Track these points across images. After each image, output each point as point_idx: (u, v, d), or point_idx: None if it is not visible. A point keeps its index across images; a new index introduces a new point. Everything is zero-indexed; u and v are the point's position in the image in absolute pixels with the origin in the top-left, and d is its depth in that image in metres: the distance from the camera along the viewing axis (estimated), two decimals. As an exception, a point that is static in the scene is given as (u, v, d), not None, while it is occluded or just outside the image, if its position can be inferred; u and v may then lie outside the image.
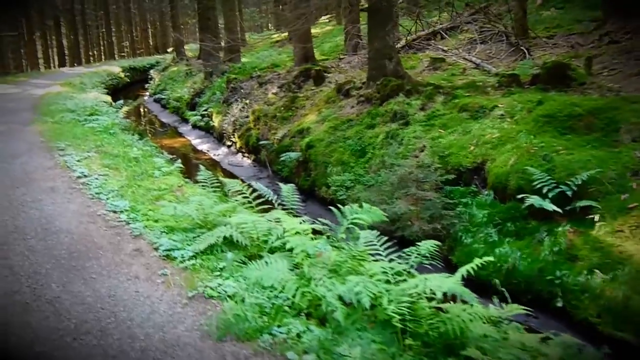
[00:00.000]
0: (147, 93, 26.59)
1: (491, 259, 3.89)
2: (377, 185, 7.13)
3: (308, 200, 8.82)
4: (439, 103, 8.00)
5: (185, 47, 28.97)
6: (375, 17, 8.80)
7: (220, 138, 13.78)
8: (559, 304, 4.58)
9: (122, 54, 53.55)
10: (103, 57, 52.59)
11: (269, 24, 48.21)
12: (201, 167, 5.20)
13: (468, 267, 3.17)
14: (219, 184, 5.12)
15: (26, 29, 36.43)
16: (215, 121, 13.82)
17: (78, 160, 7.46)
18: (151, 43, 54.21)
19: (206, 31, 16.39)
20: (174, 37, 28.60)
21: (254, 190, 4.91)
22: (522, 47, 9.87)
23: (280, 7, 26.26)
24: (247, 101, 12.62)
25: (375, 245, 3.94)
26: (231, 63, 18.22)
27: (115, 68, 30.46)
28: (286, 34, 31.08)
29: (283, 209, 4.78)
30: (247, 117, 11.89)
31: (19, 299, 3.63)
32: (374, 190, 6.93)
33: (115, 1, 51.06)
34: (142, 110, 22.10)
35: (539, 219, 5.30)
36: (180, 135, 15.93)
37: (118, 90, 25.26)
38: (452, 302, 3.20)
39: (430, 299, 3.24)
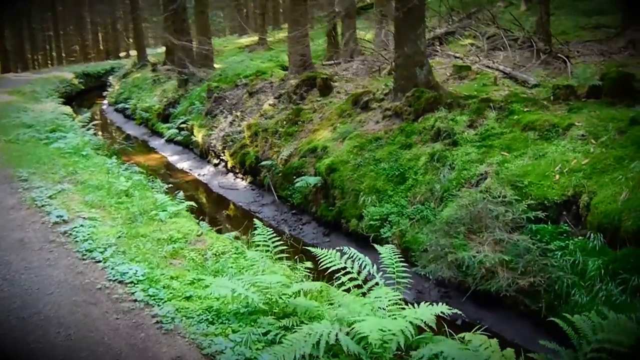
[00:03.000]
0: (106, 101, 24.35)
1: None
2: (437, 222, 5.84)
3: (332, 234, 7.45)
4: (492, 119, 6.82)
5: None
6: (406, 18, 7.55)
7: (203, 155, 12.12)
8: None
9: (71, 58, 50.10)
10: (50, 62, 49.03)
11: (226, 29, 46.26)
12: (256, 221, 3.71)
13: None
14: (274, 243, 3.62)
15: (-37, 30, 33.05)
16: (198, 136, 12.16)
17: (50, 197, 5.75)
18: (102, 48, 51.07)
19: (181, 34, 14.66)
20: (134, 41, 26.50)
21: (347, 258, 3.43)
22: (559, 55, 8.89)
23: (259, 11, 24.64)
24: (238, 113, 11.08)
25: None
26: (205, 69, 16.55)
27: (68, 74, 27.91)
28: (254, 38, 29.58)
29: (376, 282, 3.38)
30: (241, 132, 10.36)
31: None
32: (437, 228, 5.62)
33: (63, 3, 47.62)
34: (101, 120, 19.97)
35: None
36: (153, 150, 14.11)
37: (72, 99, 22.89)
38: None
39: None
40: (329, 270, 3.56)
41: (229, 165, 10.56)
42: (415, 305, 2.92)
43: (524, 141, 6.20)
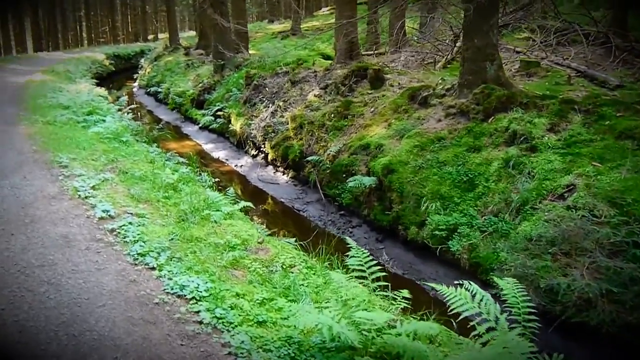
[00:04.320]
0: (136, 84, 24.08)
1: None
2: (515, 237, 5.20)
3: (386, 240, 6.85)
4: (577, 124, 6.12)
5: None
6: (478, 7, 6.85)
7: (240, 145, 11.62)
8: None
9: (101, 39, 50.17)
10: (80, 42, 49.15)
11: (253, 15, 45.52)
12: (349, 240, 3.12)
13: None
14: (371, 268, 3.02)
15: (-2, 8, 33.14)
16: (236, 125, 11.65)
17: (93, 187, 5.28)
18: (131, 30, 51.00)
19: (220, 17, 14.10)
20: (168, 24, 26.12)
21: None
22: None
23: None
24: (280, 103, 10.52)
25: None
26: (241, 55, 16.01)
27: (99, 55, 27.79)
28: (286, 25, 28.91)
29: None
30: (284, 123, 9.80)
31: None
32: (518, 246, 4.99)
33: (94, -17, 47.64)
34: (132, 103, 19.66)
35: None
36: (186, 137, 13.68)
37: (103, 80, 22.68)
38: None
39: None
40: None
41: (269, 157, 10.03)
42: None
43: (620, 151, 5.49)
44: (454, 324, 2.94)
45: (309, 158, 8.62)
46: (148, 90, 20.13)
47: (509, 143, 6.36)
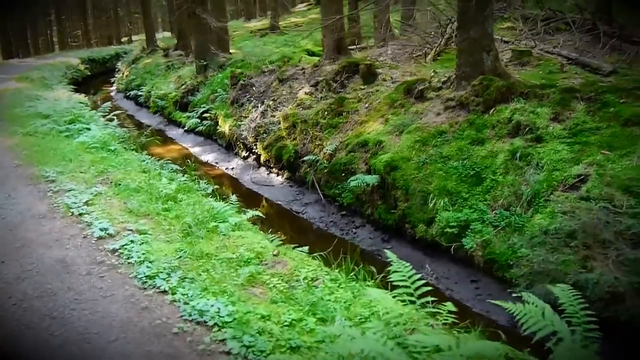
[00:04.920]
0: (114, 88, 23.44)
1: None
2: (530, 231, 5.06)
3: (392, 240, 6.67)
4: (581, 112, 6.00)
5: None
6: (474, -3, 6.69)
7: (229, 147, 11.30)
8: None
9: (74, 43, 48.90)
10: (51, 47, 47.82)
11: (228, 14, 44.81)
12: (388, 253, 2.89)
13: None
14: (416, 282, 2.78)
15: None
16: (224, 126, 11.32)
17: (86, 203, 4.96)
18: (104, 33, 49.81)
19: (200, 15, 13.68)
20: (144, 25, 25.45)
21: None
22: (635, 39, 8.01)
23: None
24: (270, 102, 10.23)
25: None
26: (223, 55, 15.63)
27: (73, 60, 26.96)
28: (264, 22, 28.48)
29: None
30: (275, 122, 9.53)
31: None
32: (536, 240, 4.84)
33: (65, -14, 46.28)
34: (111, 107, 19.08)
35: None
36: (171, 141, 13.28)
37: (79, 85, 21.98)
38: None
39: None
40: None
41: (262, 158, 9.75)
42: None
43: (629, 138, 5.39)
44: (502, 335, 2.74)
45: (305, 158, 8.38)
46: (127, 94, 19.58)
47: (513, 134, 6.21)
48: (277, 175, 9.34)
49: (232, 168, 10.51)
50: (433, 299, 2.73)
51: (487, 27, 6.98)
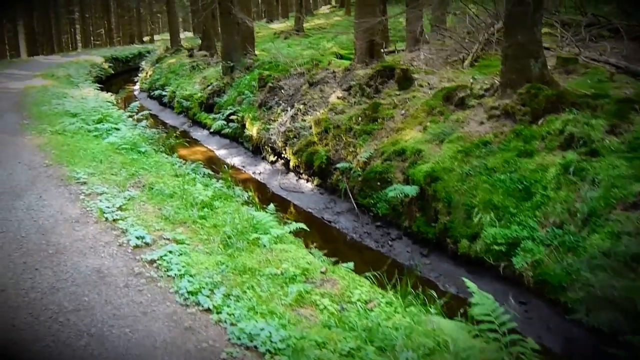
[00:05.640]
0: (137, 87, 23.50)
1: None
2: (588, 252, 4.70)
3: (432, 254, 6.34)
4: (642, 125, 5.63)
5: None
6: (523, 1, 6.35)
7: (256, 151, 11.08)
8: None
9: (97, 42, 49.49)
10: (74, 45, 48.47)
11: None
12: (468, 282, 2.60)
13: None
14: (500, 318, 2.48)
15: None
16: (252, 130, 11.11)
17: (120, 207, 4.75)
18: (127, 31, 50.28)
19: (227, 15, 13.52)
20: (169, 25, 25.49)
21: None
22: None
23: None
24: (300, 106, 9.99)
25: None
26: (249, 56, 15.48)
27: (97, 58, 27.15)
28: (287, 24, 28.39)
29: None
30: (306, 127, 9.27)
31: None
32: (596, 262, 4.49)
33: (89, -16, 46.91)
34: (139, 107, 19.05)
35: None
36: (197, 142, 13.12)
37: (102, 83, 22.07)
38: None
39: None
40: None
41: (291, 164, 9.49)
42: None
43: (698, 155, 5.02)
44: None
45: (338, 165, 8.10)
46: (151, 93, 19.57)
47: (564, 147, 5.86)
48: (307, 182, 9.08)
49: (260, 172, 10.29)
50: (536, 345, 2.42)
51: (535, 33, 6.65)
